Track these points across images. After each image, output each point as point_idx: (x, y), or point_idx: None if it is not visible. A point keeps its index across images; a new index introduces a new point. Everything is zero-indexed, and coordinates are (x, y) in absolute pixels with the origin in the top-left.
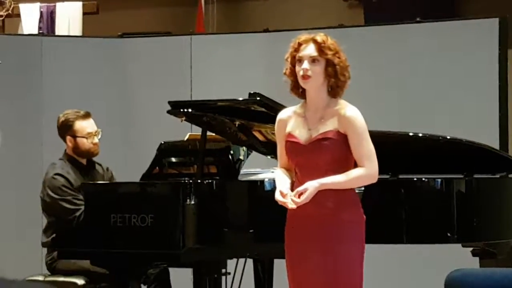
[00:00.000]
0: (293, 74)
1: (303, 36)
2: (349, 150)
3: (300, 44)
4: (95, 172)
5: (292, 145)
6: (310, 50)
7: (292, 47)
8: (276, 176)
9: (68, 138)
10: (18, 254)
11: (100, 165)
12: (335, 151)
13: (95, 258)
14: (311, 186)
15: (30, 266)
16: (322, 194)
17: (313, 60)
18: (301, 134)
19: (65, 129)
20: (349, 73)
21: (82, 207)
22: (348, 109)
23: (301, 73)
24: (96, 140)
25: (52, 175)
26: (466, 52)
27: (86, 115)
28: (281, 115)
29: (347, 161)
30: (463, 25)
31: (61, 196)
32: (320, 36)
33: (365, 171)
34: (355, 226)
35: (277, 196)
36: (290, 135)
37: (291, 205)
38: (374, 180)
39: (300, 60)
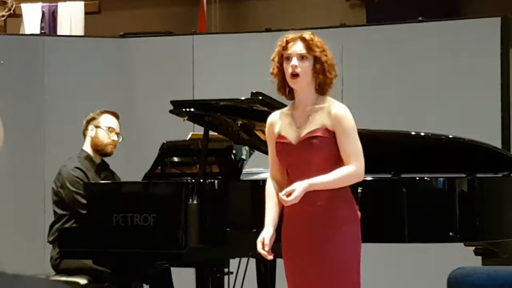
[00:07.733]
0: (280, 73)
1: (290, 34)
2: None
3: (287, 42)
4: (109, 172)
5: (282, 146)
6: (298, 47)
7: (279, 45)
8: (266, 201)
9: (90, 127)
10: (19, 251)
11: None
12: (325, 149)
13: (98, 257)
14: (299, 186)
15: (33, 264)
16: (315, 192)
17: (301, 57)
18: (290, 134)
19: (90, 120)
20: (335, 71)
21: None
22: (337, 107)
23: (290, 70)
24: (115, 138)
25: (72, 168)
26: (468, 52)
27: (114, 113)
28: (270, 118)
29: (337, 159)
30: (465, 25)
31: (78, 189)
32: (307, 34)
33: (353, 169)
34: (350, 223)
35: (259, 248)
36: (279, 136)
37: (270, 257)
38: (361, 179)
39: (288, 58)
